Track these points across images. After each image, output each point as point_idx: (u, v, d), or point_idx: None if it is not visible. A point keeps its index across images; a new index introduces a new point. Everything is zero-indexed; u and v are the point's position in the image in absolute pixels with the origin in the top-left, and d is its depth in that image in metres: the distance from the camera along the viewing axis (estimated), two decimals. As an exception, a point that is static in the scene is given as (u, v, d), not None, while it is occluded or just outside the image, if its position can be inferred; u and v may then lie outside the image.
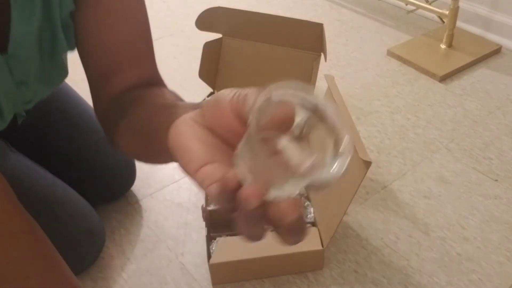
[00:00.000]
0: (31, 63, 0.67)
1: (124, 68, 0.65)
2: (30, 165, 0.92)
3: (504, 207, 1.05)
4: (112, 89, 0.65)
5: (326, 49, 1.14)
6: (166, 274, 0.95)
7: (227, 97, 0.40)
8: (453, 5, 1.45)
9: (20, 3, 0.60)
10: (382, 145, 1.22)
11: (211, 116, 0.41)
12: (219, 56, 1.26)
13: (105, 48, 0.65)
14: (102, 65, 0.65)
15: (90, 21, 0.64)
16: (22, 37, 0.62)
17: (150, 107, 0.57)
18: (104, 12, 0.64)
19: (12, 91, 0.67)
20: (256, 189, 0.34)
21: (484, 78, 1.44)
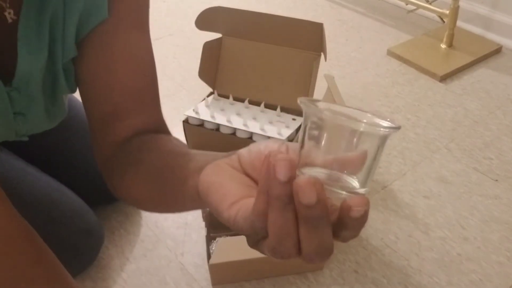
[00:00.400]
0: (32, 100, 0.66)
1: (129, 114, 0.63)
2: (24, 167, 0.92)
3: (504, 207, 1.05)
4: (116, 135, 0.63)
5: (326, 49, 1.14)
6: (166, 274, 0.95)
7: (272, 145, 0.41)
8: (454, 4, 1.45)
9: (26, 42, 0.59)
10: (382, 145, 1.22)
11: (250, 162, 0.42)
12: (219, 56, 1.26)
13: (111, 93, 0.63)
14: (106, 110, 0.63)
15: (96, 66, 0.63)
16: (27, 74, 0.62)
17: (166, 154, 0.56)
18: (110, 57, 0.63)
19: (8, 121, 0.66)
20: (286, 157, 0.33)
21: (484, 78, 1.44)
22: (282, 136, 1.12)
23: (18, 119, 0.67)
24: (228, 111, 1.20)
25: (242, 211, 0.38)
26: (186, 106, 1.29)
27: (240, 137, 1.16)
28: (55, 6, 0.59)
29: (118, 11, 0.62)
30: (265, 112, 1.20)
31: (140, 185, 0.57)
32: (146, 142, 0.61)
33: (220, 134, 1.17)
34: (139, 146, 0.61)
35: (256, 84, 1.24)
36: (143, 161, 0.58)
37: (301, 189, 0.33)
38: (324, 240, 0.35)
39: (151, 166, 0.56)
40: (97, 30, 0.62)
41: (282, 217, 0.34)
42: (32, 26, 0.59)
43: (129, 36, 0.64)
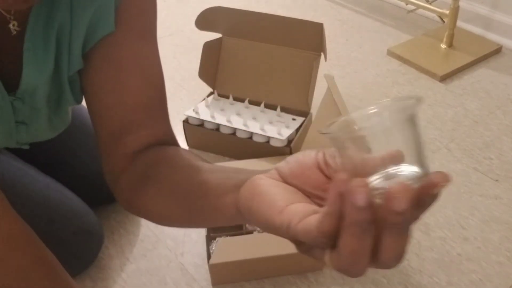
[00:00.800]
0: (36, 110, 0.66)
1: (139, 127, 0.63)
2: (23, 167, 0.92)
3: (504, 207, 1.05)
4: (126, 148, 0.63)
5: (326, 49, 1.14)
6: (166, 274, 0.95)
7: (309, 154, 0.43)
8: (454, 4, 1.45)
9: (32, 55, 0.59)
10: (382, 145, 1.22)
11: (290, 171, 0.43)
12: (219, 56, 1.26)
13: (120, 106, 0.62)
14: (115, 123, 0.63)
15: (103, 79, 0.63)
16: (32, 86, 0.62)
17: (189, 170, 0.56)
18: (118, 69, 0.62)
19: (10, 129, 0.66)
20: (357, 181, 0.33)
21: (485, 78, 1.44)
22: (282, 136, 1.12)
23: (20, 128, 0.67)
24: (228, 111, 1.20)
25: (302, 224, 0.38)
26: (186, 106, 1.29)
27: (240, 137, 1.16)
28: (62, 18, 0.59)
29: (124, 22, 0.62)
30: (265, 112, 1.20)
31: (165, 202, 0.57)
32: (162, 156, 0.61)
33: (220, 134, 1.17)
34: (156, 161, 0.60)
35: (256, 84, 1.24)
36: (165, 177, 0.57)
37: (396, 197, 0.32)
38: (406, 243, 0.35)
39: (175, 183, 0.56)
40: (104, 42, 0.61)
41: (359, 241, 0.34)
42: (38, 38, 0.59)
43: (136, 48, 0.63)
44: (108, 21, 0.60)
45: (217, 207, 0.49)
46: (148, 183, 0.59)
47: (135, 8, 0.62)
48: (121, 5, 0.61)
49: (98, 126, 0.65)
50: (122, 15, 0.61)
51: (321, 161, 0.42)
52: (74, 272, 0.93)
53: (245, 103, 1.22)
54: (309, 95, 1.17)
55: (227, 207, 0.48)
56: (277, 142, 1.12)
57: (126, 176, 0.62)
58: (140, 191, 0.59)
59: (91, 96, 0.64)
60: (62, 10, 0.58)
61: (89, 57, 0.63)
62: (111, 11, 0.60)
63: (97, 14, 0.60)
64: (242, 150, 1.15)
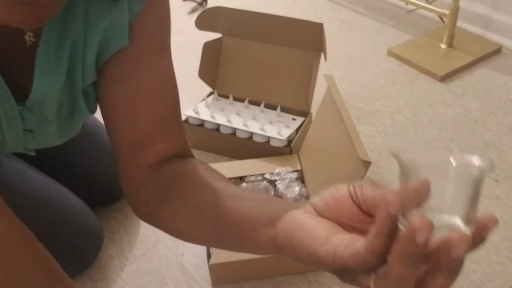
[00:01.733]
0: (45, 120, 0.66)
1: (156, 140, 0.64)
2: (23, 168, 0.92)
3: (505, 207, 1.05)
4: (144, 161, 0.64)
5: (326, 49, 1.14)
6: (166, 274, 0.95)
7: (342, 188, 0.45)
8: (454, 4, 1.45)
9: (44, 67, 0.59)
10: (383, 145, 1.22)
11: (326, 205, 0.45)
12: (219, 56, 1.26)
13: (137, 120, 0.63)
14: (133, 137, 0.64)
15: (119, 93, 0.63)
16: (42, 96, 0.62)
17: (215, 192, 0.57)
18: (134, 84, 0.63)
19: (18, 137, 0.66)
20: (424, 221, 0.35)
21: (485, 78, 1.44)
22: (282, 136, 1.12)
23: (28, 136, 0.67)
24: (228, 111, 1.20)
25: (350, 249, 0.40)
26: (186, 106, 1.29)
27: (240, 137, 1.16)
28: (76, 31, 0.59)
29: (140, 37, 0.62)
30: (265, 112, 1.20)
31: (192, 223, 0.58)
32: (182, 171, 0.62)
33: (220, 134, 1.17)
34: (176, 176, 0.62)
35: (256, 84, 1.24)
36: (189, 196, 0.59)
37: (456, 245, 0.35)
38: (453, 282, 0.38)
39: (202, 205, 0.57)
40: (119, 56, 0.62)
41: (409, 271, 0.36)
42: (51, 51, 0.59)
43: (152, 62, 0.64)
44: (122, 35, 0.60)
45: (252, 239, 0.51)
46: (170, 199, 0.60)
47: (151, 23, 0.63)
48: (136, 20, 0.61)
49: (115, 139, 0.65)
50: (138, 30, 0.62)
51: (353, 193, 0.44)
52: (74, 272, 0.93)
53: (245, 103, 1.22)
54: (309, 95, 1.17)
55: (263, 241, 0.50)
56: (277, 142, 1.12)
57: (146, 190, 0.63)
58: (162, 206, 0.60)
59: (108, 109, 0.65)
60: (76, 23, 0.59)
61: (104, 70, 0.63)
62: (125, 25, 0.60)
63: (111, 28, 0.60)
64: (242, 150, 1.15)
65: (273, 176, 1.05)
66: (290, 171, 1.06)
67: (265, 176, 1.05)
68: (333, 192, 0.45)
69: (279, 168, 1.07)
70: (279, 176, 1.05)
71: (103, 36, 0.60)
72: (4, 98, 0.59)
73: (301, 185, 1.03)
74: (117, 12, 0.59)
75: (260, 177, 1.05)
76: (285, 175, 1.05)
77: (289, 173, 1.05)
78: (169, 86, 0.66)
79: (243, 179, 1.06)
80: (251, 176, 1.06)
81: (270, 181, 1.04)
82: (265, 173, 1.06)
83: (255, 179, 1.05)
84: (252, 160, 1.10)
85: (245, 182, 1.04)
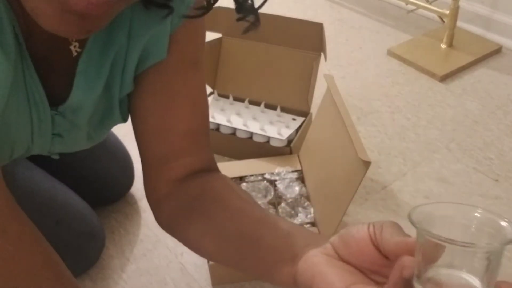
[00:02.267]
0: (75, 126, 0.66)
1: (184, 153, 0.64)
2: (31, 167, 0.92)
3: (505, 207, 1.05)
4: (171, 173, 0.64)
5: (326, 49, 1.14)
6: (166, 274, 0.95)
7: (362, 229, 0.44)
8: (454, 4, 1.45)
9: (84, 77, 0.60)
10: (382, 145, 1.22)
11: (346, 248, 0.45)
12: (219, 56, 1.26)
13: (167, 133, 0.64)
14: (162, 149, 0.64)
15: (153, 104, 0.64)
16: (78, 105, 0.62)
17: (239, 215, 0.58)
18: (168, 96, 0.63)
19: (46, 141, 0.67)
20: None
21: (485, 78, 1.44)
22: (282, 136, 1.12)
23: (55, 140, 0.67)
24: (228, 111, 1.20)
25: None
26: (186, 106, 1.29)
27: (240, 137, 1.16)
28: (120, 44, 0.59)
29: (177, 50, 0.62)
30: (265, 112, 1.20)
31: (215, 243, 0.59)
32: (209, 188, 0.63)
33: (220, 134, 1.17)
34: (202, 194, 0.62)
35: (256, 84, 1.24)
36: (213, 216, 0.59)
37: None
38: None
39: (226, 227, 0.58)
40: (155, 68, 0.62)
41: None
42: (93, 62, 0.59)
43: (187, 76, 0.64)
44: (162, 48, 0.61)
45: (273, 272, 0.52)
46: (194, 216, 0.60)
47: (188, 37, 0.63)
48: (174, 34, 0.61)
49: (144, 149, 0.66)
50: (175, 44, 0.62)
51: (373, 235, 0.43)
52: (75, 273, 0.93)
53: (245, 103, 1.22)
54: (309, 95, 1.17)
55: (283, 277, 0.50)
56: (277, 142, 1.12)
57: (170, 203, 0.64)
58: (185, 222, 0.61)
59: (139, 119, 0.66)
60: (120, 35, 0.59)
61: (139, 81, 0.64)
62: (165, 38, 0.61)
63: (152, 40, 0.60)
64: (242, 150, 1.15)
65: (273, 176, 1.05)
66: (290, 171, 1.06)
67: (265, 176, 1.05)
68: (354, 233, 0.45)
69: (279, 168, 1.07)
70: (279, 176, 1.05)
71: (144, 48, 0.61)
72: (39, 102, 0.60)
73: (301, 185, 1.03)
74: (160, 26, 0.60)
75: (260, 177, 1.05)
76: (285, 175, 1.05)
77: (289, 173, 1.05)
78: (200, 101, 0.66)
79: (243, 179, 1.06)
80: (251, 176, 1.06)
81: (270, 181, 1.04)
82: (265, 173, 1.06)
83: (255, 179, 1.05)
84: (252, 160, 1.10)
85: (245, 182, 1.04)
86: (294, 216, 0.97)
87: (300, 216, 0.96)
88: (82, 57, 0.58)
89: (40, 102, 0.60)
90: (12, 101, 0.57)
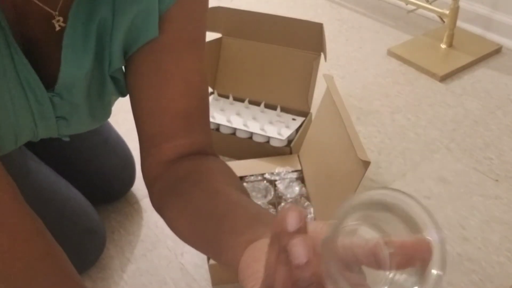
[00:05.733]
0: (75, 106, 0.66)
1: (176, 135, 0.63)
2: (38, 161, 0.92)
3: (505, 207, 1.05)
4: (162, 155, 0.64)
5: (326, 49, 1.14)
6: (166, 274, 0.95)
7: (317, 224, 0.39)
8: (454, 4, 1.45)
9: (71, 51, 0.59)
10: (382, 145, 1.22)
11: None
12: (219, 56, 1.26)
13: (159, 114, 0.63)
14: (154, 130, 0.64)
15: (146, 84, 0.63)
16: (70, 81, 0.62)
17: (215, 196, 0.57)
18: (161, 77, 0.62)
19: (51, 124, 0.67)
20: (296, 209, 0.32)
21: (485, 78, 1.44)
22: (282, 136, 1.12)
23: (61, 122, 0.67)
24: (228, 111, 1.20)
25: None
26: (186, 106, 1.29)
27: (240, 137, 1.16)
28: (104, 15, 0.59)
29: (171, 30, 0.61)
30: (265, 112, 1.20)
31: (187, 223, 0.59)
32: (194, 171, 0.61)
33: (220, 134, 1.17)
34: (186, 175, 0.61)
35: (256, 84, 1.24)
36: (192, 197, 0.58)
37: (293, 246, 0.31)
38: None
39: (200, 208, 0.57)
40: (149, 47, 0.61)
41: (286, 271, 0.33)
42: (78, 35, 0.59)
43: (181, 57, 0.63)
44: (152, 25, 0.60)
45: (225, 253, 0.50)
46: (174, 197, 0.60)
47: (184, 17, 0.62)
48: (169, 12, 0.60)
49: (139, 130, 0.66)
50: (169, 22, 0.61)
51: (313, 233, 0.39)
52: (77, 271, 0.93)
53: (245, 103, 1.22)
54: (309, 95, 1.17)
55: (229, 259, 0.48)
56: (277, 142, 1.12)
57: (159, 184, 0.63)
58: (168, 203, 0.60)
59: (134, 99, 0.65)
60: (103, 7, 0.58)
61: (134, 61, 0.63)
62: (155, 15, 0.59)
63: (140, 16, 0.59)
64: (242, 150, 1.15)
65: (273, 176, 1.05)
66: (290, 171, 1.06)
67: (265, 176, 1.05)
68: None
69: (279, 168, 1.07)
70: (279, 176, 1.05)
71: (132, 24, 0.60)
72: (34, 85, 0.60)
73: (301, 185, 1.03)
74: (148, 2, 0.59)
75: (260, 177, 1.05)
76: (285, 175, 1.05)
77: (289, 173, 1.05)
78: (196, 83, 0.64)
79: (243, 179, 1.06)
80: (251, 176, 1.06)
81: (270, 181, 1.04)
82: (265, 173, 1.06)
83: (255, 179, 1.05)
84: (252, 160, 1.10)
85: (245, 182, 1.04)
86: (294, 216, 0.96)
87: (300, 216, 0.96)
88: (66, 30, 0.58)
89: (35, 85, 0.60)
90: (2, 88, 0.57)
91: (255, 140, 1.14)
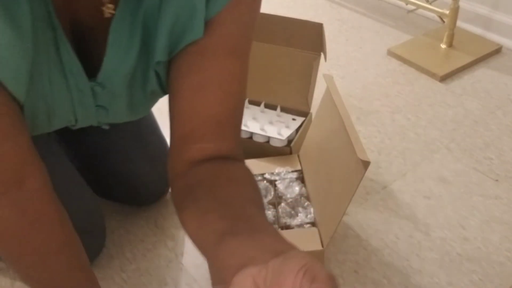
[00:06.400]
0: (115, 96, 0.66)
1: (204, 138, 0.63)
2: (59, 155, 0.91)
3: (505, 207, 1.05)
4: (188, 154, 0.64)
5: (326, 49, 1.14)
6: (166, 274, 0.95)
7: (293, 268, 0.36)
8: (454, 4, 1.45)
9: (117, 40, 0.59)
10: (382, 145, 1.22)
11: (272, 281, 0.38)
12: (219, 56, 1.26)
13: (192, 115, 0.63)
14: (184, 130, 0.64)
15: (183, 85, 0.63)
16: (113, 71, 0.62)
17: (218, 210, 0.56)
18: (199, 80, 0.62)
19: (91, 112, 0.67)
20: None
21: (485, 78, 1.44)
22: (282, 136, 1.12)
23: (100, 111, 0.68)
24: (228, 111, 1.20)
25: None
26: (186, 106, 1.29)
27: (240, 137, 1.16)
28: (151, 5, 0.58)
29: (217, 34, 0.61)
30: (265, 112, 1.20)
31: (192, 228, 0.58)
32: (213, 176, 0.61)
33: (220, 134, 1.17)
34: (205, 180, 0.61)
35: (256, 84, 1.24)
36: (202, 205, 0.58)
37: None
38: None
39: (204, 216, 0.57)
40: (191, 48, 0.61)
41: None
42: (126, 22, 0.59)
43: (223, 63, 0.62)
44: (198, 25, 0.59)
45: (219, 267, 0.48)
46: (189, 200, 0.60)
47: (232, 23, 0.61)
48: (217, 16, 0.60)
49: (171, 126, 0.66)
50: (217, 27, 0.60)
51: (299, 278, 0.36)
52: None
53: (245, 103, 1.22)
54: (309, 95, 1.17)
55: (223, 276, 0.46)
56: (277, 142, 1.12)
57: (179, 183, 0.64)
58: (182, 204, 0.60)
59: (172, 99, 0.65)
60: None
61: (177, 59, 0.63)
62: (200, 15, 0.58)
63: (185, 14, 0.59)
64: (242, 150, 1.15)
65: (273, 176, 1.05)
66: (290, 171, 1.06)
67: (265, 176, 1.05)
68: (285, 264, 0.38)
69: (279, 168, 1.07)
70: (279, 176, 1.05)
71: (177, 19, 0.59)
72: (76, 74, 0.60)
73: (301, 185, 1.03)
74: None
75: (260, 177, 1.05)
76: (285, 175, 1.05)
77: (289, 173, 1.05)
78: (233, 91, 0.64)
79: (243, 179, 1.06)
80: (251, 176, 1.06)
81: (270, 181, 1.04)
82: (265, 173, 1.06)
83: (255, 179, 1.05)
84: (252, 160, 1.10)
85: (245, 182, 1.04)
86: (294, 216, 0.97)
87: (300, 216, 0.96)
88: (114, 18, 0.57)
89: (77, 73, 0.60)
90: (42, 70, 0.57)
91: (255, 140, 1.14)
